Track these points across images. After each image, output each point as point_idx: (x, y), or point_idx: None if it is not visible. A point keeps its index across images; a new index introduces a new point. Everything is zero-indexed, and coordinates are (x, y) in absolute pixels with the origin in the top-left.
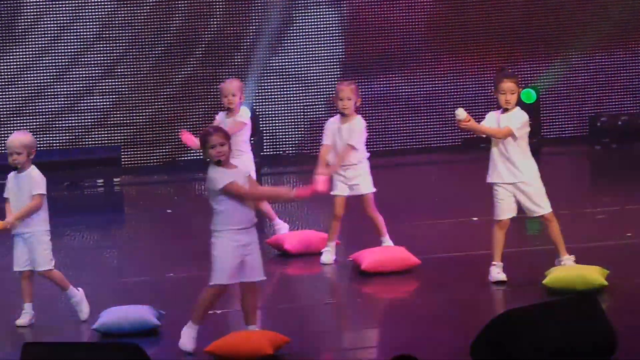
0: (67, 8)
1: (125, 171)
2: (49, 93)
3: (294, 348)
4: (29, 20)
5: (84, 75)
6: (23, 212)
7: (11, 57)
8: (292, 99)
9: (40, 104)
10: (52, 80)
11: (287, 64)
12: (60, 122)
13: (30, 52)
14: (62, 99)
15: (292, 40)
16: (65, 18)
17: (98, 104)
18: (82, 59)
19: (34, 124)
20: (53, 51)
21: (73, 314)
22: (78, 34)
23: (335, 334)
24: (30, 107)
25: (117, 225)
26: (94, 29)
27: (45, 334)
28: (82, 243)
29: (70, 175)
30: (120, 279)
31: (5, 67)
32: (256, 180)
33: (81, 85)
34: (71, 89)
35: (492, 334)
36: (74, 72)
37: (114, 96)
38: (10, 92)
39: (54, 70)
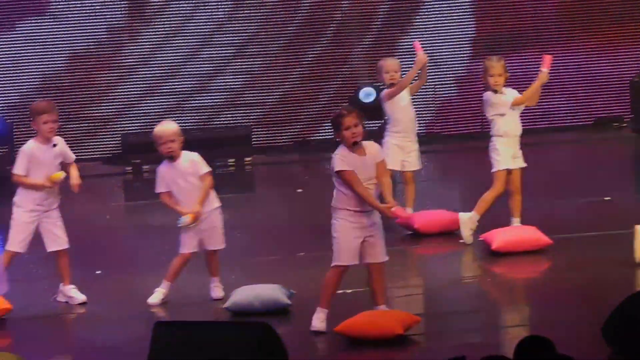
0: None
1: (256, 151)
2: (181, 73)
3: (424, 328)
4: (160, 1)
5: (215, 56)
6: (203, 195)
7: (143, 38)
8: None
9: (171, 84)
10: (183, 61)
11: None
12: (191, 102)
13: (162, 33)
14: (194, 80)
15: (422, 19)
16: None
17: (229, 84)
18: (214, 40)
19: (166, 104)
20: (184, 32)
21: (205, 293)
22: (209, 14)
23: (465, 314)
24: (162, 88)
25: (248, 205)
26: (226, 9)
27: (176, 313)
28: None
29: (202, 155)
30: (251, 258)
31: (137, 48)
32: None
33: (212, 65)
34: (202, 69)
35: (624, 313)
36: (205, 53)
37: (245, 76)
38: (142, 73)
39: (185, 51)
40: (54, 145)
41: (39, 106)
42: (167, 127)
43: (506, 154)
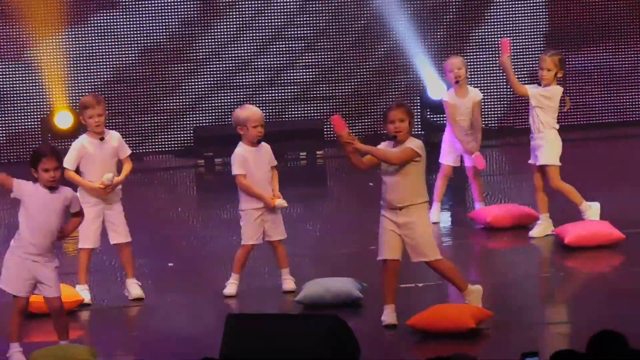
0: None
1: (328, 144)
2: (252, 66)
3: (496, 322)
4: None
5: (285, 49)
6: (277, 183)
7: (214, 31)
8: (493, 71)
9: (243, 77)
10: (254, 54)
11: (488, 36)
12: (262, 95)
13: (234, 26)
14: (264, 73)
15: (494, 13)
16: None
17: (300, 77)
18: (285, 33)
19: (236, 97)
20: (256, 25)
21: (277, 285)
22: (281, 7)
23: (538, 307)
24: (234, 81)
25: (319, 198)
26: (297, 3)
27: (248, 305)
28: (285, 215)
29: (274, 148)
30: (322, 251)
31: (208, 41)
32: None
33: (283, 58)
34: (273, 62)
35: None
36: (275, 46)
37: (315, 69)
38: (213, 66)
39: (257, 44)
40: (102, 139)
41: (84, 100)
42: (257, 110)
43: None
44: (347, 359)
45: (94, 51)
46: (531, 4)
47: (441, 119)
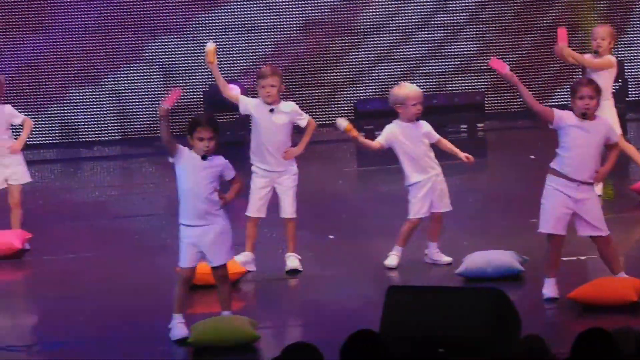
0: None
1: (489, 116)
2: (413, 40)
3: None
4: None
5: (448, 22)
6: (453, 146)
7: (376, 4)
8: None
9: (404, 50)
10: (416, 27)
11: None
12: (425, 68)
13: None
14: (426, 46)
15: None
16: None
17: (462, 49)
18: (447, 6)
19: (398, 71)
20: None
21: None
22: None
23: None
24: (395, 54)
25: (480, 171)
26: None
27: (408, 277)
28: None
29: (435, 120)
30: (483, 223)
31: (371, 14)
32: (620, 127)
33: (445, 31)
34: (435, 35)
35: None
36: (438, 19)
37: (478, 42)
38: (374, 40)
39: (418, 17)
40: (271, 111)
41: (259, 72)
42: (416, 88)
43: None
44: (508, 332)
45: (254, 26)
46: None
47: None
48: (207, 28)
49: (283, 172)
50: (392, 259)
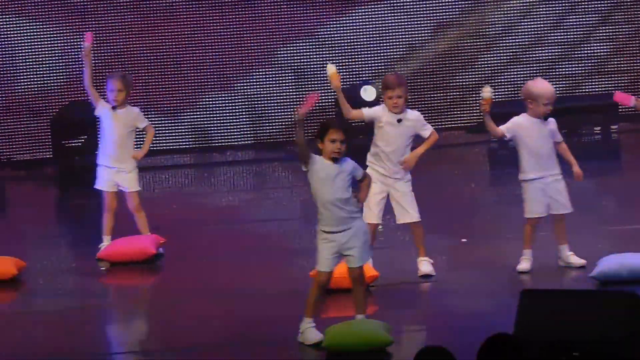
0: None
1: (623, 118)
2: (546, 41)
3: None
4: None
5: (580, 23)
6: (569, 154)
7: (508, 6)
8: None
9: (536, 52)
10: (548, 29)
11: None
12: (558, 69)
13: (527, 1)
14: (559, 47)
15: None
16: None
17: (596, 51)
18: (579, 7)
19: (530, 72)
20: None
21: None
22: None
23: None
24: (527, 56)
25: (613, 173)
26: None
27: (543, 281)
28: (578, 190)
29: (566, 122)
30: (616, 225)
31: (502, 16)
32: None
33: (578, 32)
34: (568, 36)
35: None
36: (570, 20)
37: (611, 42)
38: (507, 41)
39: (551, 18)
40: (399, 121)
41: (386, 80)
42: (551, 88)
43: None
44: None
45: (386, 28)
46: None
47: None
48: (339, 32)
49: (399, 179)
50: (524, 263)
